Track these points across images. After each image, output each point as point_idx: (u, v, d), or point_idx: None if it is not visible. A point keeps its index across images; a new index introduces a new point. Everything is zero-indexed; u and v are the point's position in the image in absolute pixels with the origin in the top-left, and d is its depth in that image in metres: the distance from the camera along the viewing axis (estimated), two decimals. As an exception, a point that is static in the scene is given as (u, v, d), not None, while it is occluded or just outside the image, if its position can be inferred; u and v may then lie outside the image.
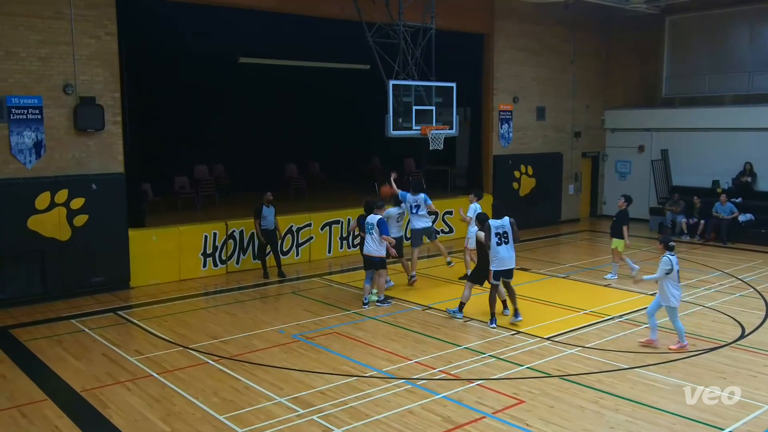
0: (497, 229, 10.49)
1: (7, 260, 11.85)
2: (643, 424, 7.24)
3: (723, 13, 20.52)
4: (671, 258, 9.30)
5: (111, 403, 7.87)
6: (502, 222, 10.60)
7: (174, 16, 14.28)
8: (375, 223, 11.55)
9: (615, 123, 22.74)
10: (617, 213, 13.99)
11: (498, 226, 10.53)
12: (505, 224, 10.58)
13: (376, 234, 11.56)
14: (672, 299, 9.34)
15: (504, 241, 10.50)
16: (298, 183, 20.63)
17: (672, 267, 9.25)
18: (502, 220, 10.64)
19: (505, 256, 10.51)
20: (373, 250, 11.64)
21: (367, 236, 11.70)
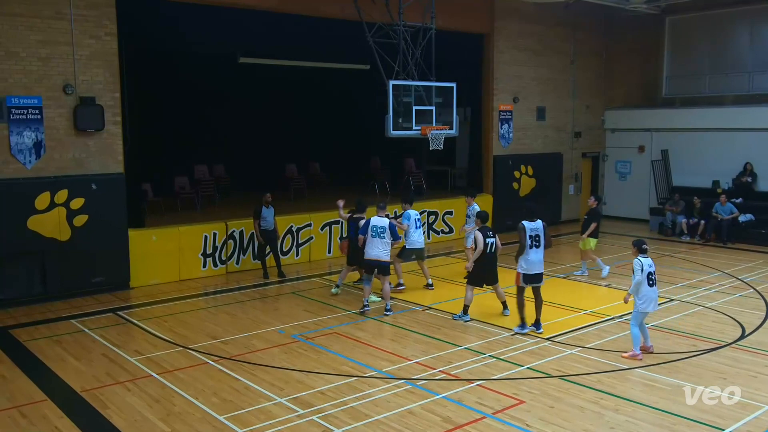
0: (531, 232, 10.10)
1: (7, 260, 11.85)
2: (643, 425, 7.23)
3: (723, 13, 20.52)
4: (642, 260, 9.06)
5: (111, 403, 7.87)
6: (537, 225, 10.20)
7: (174, 16, 14.27)
8: (387, 227, 11.27)
9: (615, 123, 22.74)
10: (588, 212, 14.14)
11: (532, 228, 10.13)
12: (539, 227, 10.19)
13: (388, 238, 11.25)
14: (645, 303, 9.06)
15: (535, 245, 10.12)
16: (298, 183, 20.62)
17: (642, 267, 9.03)
18: (536, 222, 10.22)
19: (535, 259, 10.13)
20: (383, 254, 11.30)
21: (376, 240, 11.22)
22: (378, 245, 11.25)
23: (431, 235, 18.42)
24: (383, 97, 13.96)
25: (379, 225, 11.28)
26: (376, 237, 11.23)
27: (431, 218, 18.42)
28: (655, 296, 9.15)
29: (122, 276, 13.20)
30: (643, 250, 9.21)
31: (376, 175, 21.54)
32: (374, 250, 11.29)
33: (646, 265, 9.04)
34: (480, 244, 10.69)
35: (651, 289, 9.04)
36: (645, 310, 9.10)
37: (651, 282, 9.04)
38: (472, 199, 14.12)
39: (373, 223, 11.33)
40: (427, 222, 18.32)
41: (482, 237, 10.71)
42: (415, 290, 13.12)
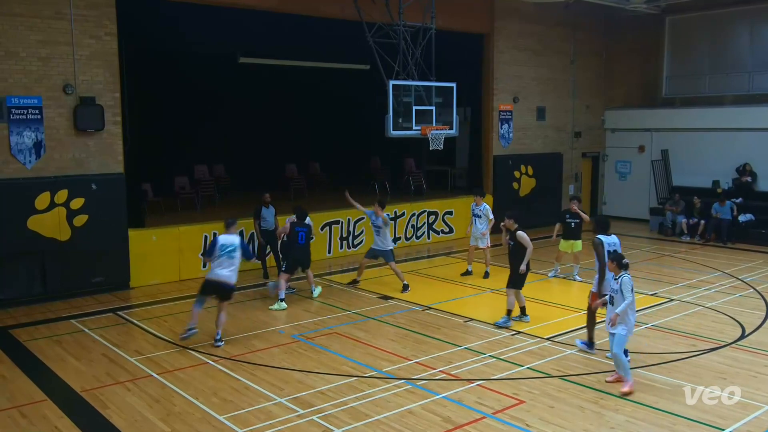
0: (609, 247, 9.21)
1: (7, 260, 11.85)
2: (643, 425, 7.24)
3: (723, 13, 20.52)
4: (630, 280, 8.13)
5: (111, 403, 7.87)
6: (613, 239, 9.38)
7: (174, 16, 14.27)
8: (238, 245, 9.87)
9: (615, 123, 22.75)
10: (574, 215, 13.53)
11: (611, 243, 9.29)
12: (616, 242, 9.36)
13: (238, 258, 9.87)
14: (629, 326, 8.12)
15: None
16: (298, 183, 20.62)
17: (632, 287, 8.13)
18: (612, 237, 9.39)
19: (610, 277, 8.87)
20: (228, 276, 9.80)
21: (224, 259, 9.72)
22: (225, 265, 9.72)
23: (431, 235, 18.43)
24: (383, 97, 13.96)
25: (228, 243, 9.78)
26: (224, 256, 9.71)
27: (431, 218, 18.42)
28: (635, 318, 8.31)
29: (122, 276, 13.20)
30: (624, 266, 8.20)
31: (376, 175, 21.54)
32: (219, 270, 9.73)
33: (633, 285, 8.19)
34: (530, 244, 10.52)
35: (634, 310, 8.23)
36: (630, 334, 8.20)
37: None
38: (481, 198, 14.20)
39: (222, 241, 9.80)
40: (427, 222, 18.32)
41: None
42: (415, 290, 13.11)
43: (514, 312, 10.88)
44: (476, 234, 14.08)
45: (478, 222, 14.04)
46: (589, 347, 9.46)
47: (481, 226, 14.02)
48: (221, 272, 9.72)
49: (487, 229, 14.01)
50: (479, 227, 14.03)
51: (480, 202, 14.12)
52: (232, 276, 9.78)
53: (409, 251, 17.32)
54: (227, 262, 9.72)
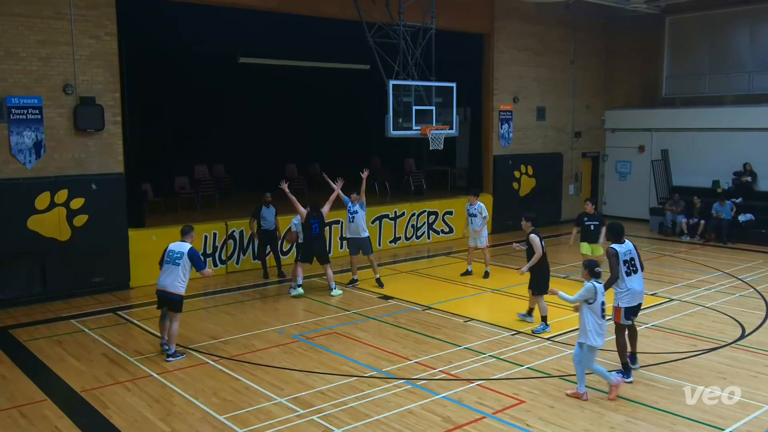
0: (624, 256, 8.42)
1: (7, 260, 11.85)
2: (643, 424, 7.23)
3: (723, 13, 20.52)
4: (597, 286, 7.78)
5: (111, 403, 7.87)
6: (628, 246, 8.54)
7: (174, 16, 14.27)
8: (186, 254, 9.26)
9: (615, 123, 22.75)
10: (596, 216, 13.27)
11: (625, 252, 8.45)
12: (631, 249, 8.55)
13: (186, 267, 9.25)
14: (590, 335, 7.75)
15: (633, 270, 8.47)
16: (298, 183, 20.61)
17: (596, 297, 7.75)
18: (626, 244, 8.56)
19: (637, 288, 8.44)
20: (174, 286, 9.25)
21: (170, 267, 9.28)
22: (171, 274, 9.23)
23: (431, 235, 18.43)
24: (383, 97, 13.96)
25: (176, 251, 9.32)
26: (171, 264, 9.27)
27: (431, 218, 18.42)
28: (605, 331, 7.90)
29: (122, 276, 13.20)
30: (596, 274, 7.85)
31: (376, 175, 21.52)
32: (165, 279, 9.27)
33: (600, 293, 7.77)
34: (539, 248, 10.33)
35: (604, 321, 7.85)
36: (596, 344, 7.76)
37: (604, 314, 7.85)
38: (475, 198, 14.11)
39: (171, 248, 9.42)
40: (427, 222, 18.32)
41: (539, 240, 10.34)
42: (415, 290, 13.12)
43: (521, 309, 10.98)
44: (473, 233, 14.05)
45: (474, 221, 14.00)
46: (626, 375, 8.40)
47: (476, 226, 13.94)
48: (164, 281, 9.22)
49: (482, 226, 13.91)
50: (475, 227, 13.97)
51: (474, 201, 14.02)
52: (176, 285, 9.16)
53: (409, 251, 17.32)
54: (170, 269, 9.19)
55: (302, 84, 20.53)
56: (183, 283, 9.23)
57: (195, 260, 9.25)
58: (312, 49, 18.02)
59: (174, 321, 9.28)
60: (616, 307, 8.44)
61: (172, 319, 9.29)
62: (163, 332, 9.53)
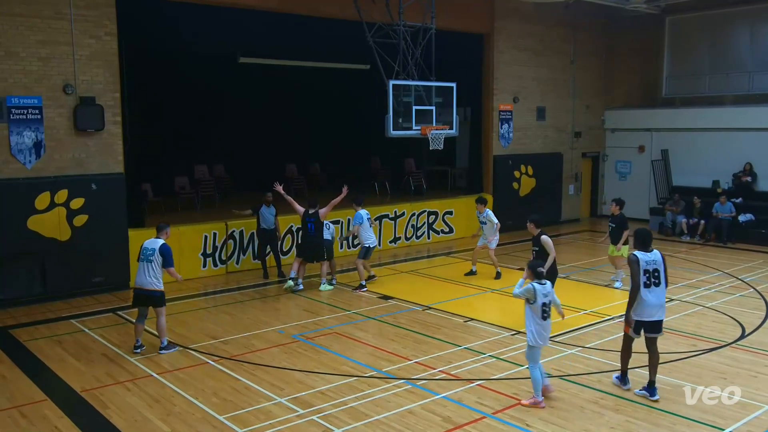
0: (647, 266, 7.77)
1: (7, 260, 11.85)
2: (643, 425, 7.24)
3: (723, 13, 20.53)
4: (536, 287, 7.58)
5: (111, 403, 7.87)
6: (654, 257, 7.85)
7: (174, 16, 14.26)
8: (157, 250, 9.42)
9: (615, 123, 22.75)
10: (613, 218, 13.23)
11: (649, 261, 7.80)
12: (657, 260, 7.85)
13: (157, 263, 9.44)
14: (529, 335, 7.66)
15: (654, 283, 7.77)
16: (299, 183, 20.63)
17: (535, 298, 7.55)
18: (653, 253, 7.87)
19: (653, 302, 7.80)
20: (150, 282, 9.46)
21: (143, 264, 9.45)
22: (145, 271, 9.36)
23: (431, 235, 18.43)
24: (383, 97, 13.96)
25: (149, 247, 9.41)
26: (144, 261, 9.37)
27: (431, 218, 18.42)
28: (547, 333, 7.73)
29: (122, 276, 13.19)
30: (538, 274, 7.70)
31: (376, 175, 21.54)
32: (141, 277, 9.43)
33: (541, 294, 7.60)
34: (553, 249, 10.24)
35: (545, 322, 7.66)
36: (536, 344, 7.65)
37: (546, 315, 7.65)
38: (483, 206, 14.03)
39: (145, 245, 9.51)
40: (427, 222, 18.32)
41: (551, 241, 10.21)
42: (415, 290, 13.12)
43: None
44: (486, 238, 14.01)
45: (485, 228, 13.99)
46: (623, 382, 8.24)
47: (488, 233, 13.93)
48: (140, 279, 9.40)
49: (494, 234, 13.93)
50: (488, 234, 13.95)
51: (482, 210, 13.97)
52: (152, 282, 9.32)
53: (409, 251, 17.32)
54: (144, 267, 9.35)
55: (302, 84, 20.53)
56: (159, 279, 9.38)
57: (166, 256, 9.32)
58: (312, 49, 18.01)
59: (160, 316, 9.53)
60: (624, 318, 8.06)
61: (158, 314, 9.51)
62: (138, 335, 9.68)
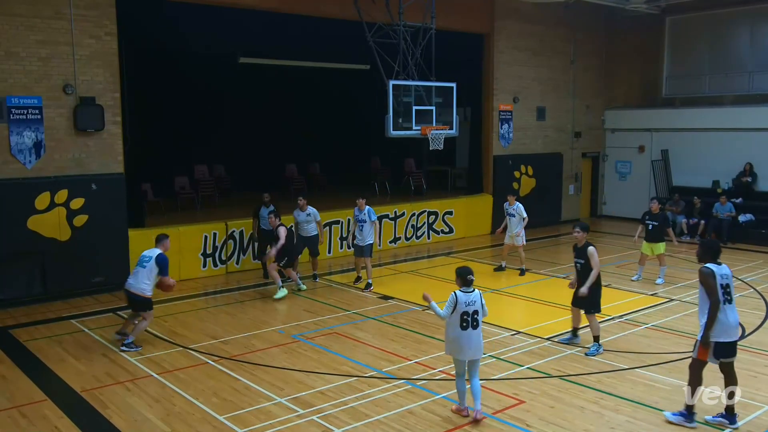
0: (721, 280, 7.06)
1: (7, 260, 11.85)
2: (643, 425, 7.23)
3: (723, 13, 20.52)
4: (458, 295, 7.14)
5: (111, 403, 7.87)
6: (726, 270, 7.19)
7: (174, 16, 14.29)
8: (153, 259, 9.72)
9: (615, 123, 22.74)
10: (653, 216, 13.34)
11: (722, 275, 7.10)
12: (729, 274, 7.21)
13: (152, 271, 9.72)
14: (447, 345, 7.30)
15: (727, 299, 7.08)
16: (299, 183, 20.63)
17: (455, 308, 7.11)
18: (724, 267, 7.19)
19: (732, 321, 7.09)
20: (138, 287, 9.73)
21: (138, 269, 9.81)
22: (137, 275, 9.69)
23: (431, 235, 18.42)
24: (383, 97, 13.96)
25: (147, 255, 9.75)
26: (139, 266, 9.76)
27: (431, 218, 18.42)
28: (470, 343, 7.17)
29: (122, 276, 13.05)
30: (467, 282, 7.21)
31: (376, 175, 21.55)
32: (131, 279, 9.77)
33: (462, 303, 7.12)
34: (598, 264, 9.30)
35: (465, 332, 7.12)
36: (456, 356, 7.24)
37: (466, 324, 7.12)
38: (513, 197, 14.48)
39: (144, 253, 9.88)
40: (427, 222, 18.32)
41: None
42: (415, 290, 13.10)
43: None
44: (511, 233, 14.29)
45: (512, 221, 14.19)
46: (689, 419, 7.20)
47: (515, 226, 14.19)
48: (129, 282, 9.75)
49: (521, 228, 14.19)
50: (513, 227, 14.17)
51: (513, 202, 14.37)
52: (140, 287, 9.57)
53: (409, 251, 17.32)
54: (137, 271, 9.70)
55: (302, 84, 20.55)
56: (148, 285, 9.62)
57: (161, 266, 9.63)
58: (312, 49, 18.03)
59: (144, 319, 9.77)
60: (699, 341, 7.13)
61: (144, 317, 9.78)
62: (126, 326, 10.00)
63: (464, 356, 7.21)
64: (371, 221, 13.20)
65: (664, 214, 13.64)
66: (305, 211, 13.60)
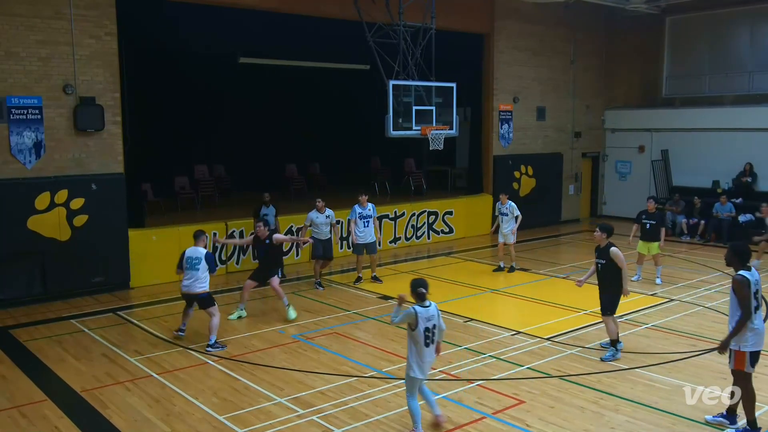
0: (755, 286, 6.83)
1: (7, 260, 11.85)
2: (643, 425, 7.23)
3: (723, 13, 20.51)
4: (418, 311, 6.77)
5: (111, 403, 7.87)
6: (756, 276, 6.92)
7: (174, 16, 14.29)
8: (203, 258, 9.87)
9: (615, 123, 22.74)
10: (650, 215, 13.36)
11: (756, 281, 6.86)
12: (759, 279, 6.96)
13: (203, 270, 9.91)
14: (409, 365, 6.85)
15: (756, 306, 6.86)
16: (299, 183, 20.63)
17: (416, 323, 6.73)
18: (754, 272, 6.91)
19: (762, 328, 6.88)
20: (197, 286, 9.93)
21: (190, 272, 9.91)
22: (192, 278, 9.83)
23: (431, 235, 18.43)
24: (383, 97, 13.96)
25: (194, 256, 9.88)
26: (191, 269, 9.83)
27: (431, 218, 18.42)
28: (431, 360, 6.93)
29: (122, 276, 13.20)
30: (419, 295, 6.85)
31: (376, 175, 21.55)
32: (188, 281, 9.89)
33: (423, 318, 6.76)
34: (625, 263, 9.04)
35: (428, 349, 6.81)
36: (415, 375, 6.81)
37: (429, 341, 6.81)
38: (506, 197, 14.51)
39: (188, 254, 9.94)
40: (427, 222, 18.32)
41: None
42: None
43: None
44: (504, 232, 14.29)
45: (505, 220, 14.30)
46: None
47: (508, 225, 14.30)
48: (189, 286, 9.85)
49: (514, 226, 14.28)
50: (506, 226, 14.25)
51: (505, 201, 14.43)
52: (200, 285, 9.81)
53: (409, 251, 17.32)
54: (190, 275, 9.82)
55: (302, 84, 20.54)
56: (206, 282, 9.90)
57: (210, 264, 9.90)
58: (312, 49, 18.03)
59: (212, 316, 9.87)
60: (737, 350, 6.81)
61: (210, 314, 9.89)
62: (185, 319, 10.26)
63: (424, 374, 6.85)
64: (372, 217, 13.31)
65: (660, 214, 13.66)
66: (324, 213, 13.21)
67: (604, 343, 9.60)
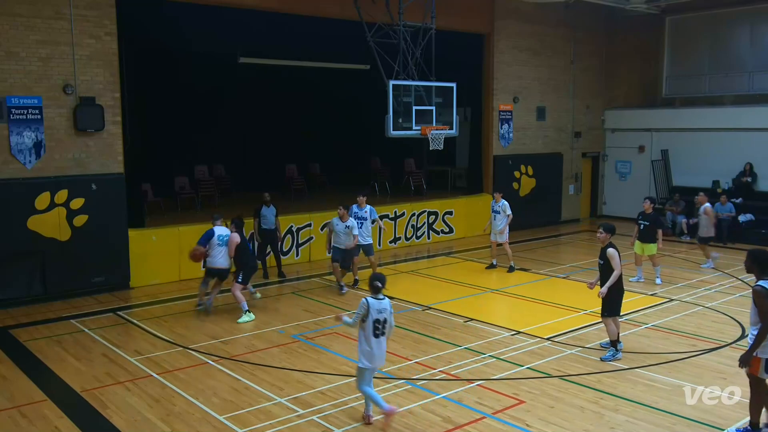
0: None
1: (7, 260, 11.85)
2: (643, 425, 7.24)
3: (723, 13, 20.51)
4: (370, 302, 6.95)
5: (111, 403, 7.87)
6: None
7: (174, 16, 14.28)
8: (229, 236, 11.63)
9: (615, 123, 22.74)
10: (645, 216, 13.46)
11: None
12: None
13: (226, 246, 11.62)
14: (360, 357, 7.05)
15: None
16: (298, 183, 20.63)
17: (367, 314, 6.92)
18: None
19: None
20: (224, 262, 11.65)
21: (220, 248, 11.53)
22: (221, 254, 11.43)
23: (431, 235, 18.42)
24: (383, 97, 13.96)
25: (223, 234, 11.53)
26: (222, 245, 11.44)
27: (431, 218, 18.42)
28: (379, 352, 7.04)
29: (122, 276, 13.20)
30: (375, 289, 7.07)
31: (376, 175, 21.55)
32: (219, 258, 11.44)
33: (374, 310, 6.95)
34: (619, 265, 9.05)
35: (377, 340, 6.98)
36: (364, 366, 7.04)
37: (378, 332, 6.99)
38: (500, 195, 14.59)
39: (218, 232, 11.53)
40: (427, 222, 18.32)
41: (619, 255, 9.02)
42: (415, 290, 13.11)
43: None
44: (495, 230, 14.38)
45: (497, 218, 14.33)
46: None
47: (499, 223, 14.36)
48: (217, 261, 11.45)
49: (505, 225, 14.36)
50: (498, 224, 14.29)
51: (499, 199, 14.52)
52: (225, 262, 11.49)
53: (409, 251, 17.32)
54: (219, 251, 11.45)
55: (302, 84, 20.53)
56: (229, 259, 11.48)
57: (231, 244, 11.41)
58: (312, 49, 18.03)
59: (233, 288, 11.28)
60: (757, 356, 6.75)
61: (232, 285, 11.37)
62: (202, 295, 11.74)
63: (375, 364, 7.09)
64: (371, 219, 13.28)
65: (655, 215, 13.63)
66: (345, 222, 12.71)
67: (604, 344, 9.62)
